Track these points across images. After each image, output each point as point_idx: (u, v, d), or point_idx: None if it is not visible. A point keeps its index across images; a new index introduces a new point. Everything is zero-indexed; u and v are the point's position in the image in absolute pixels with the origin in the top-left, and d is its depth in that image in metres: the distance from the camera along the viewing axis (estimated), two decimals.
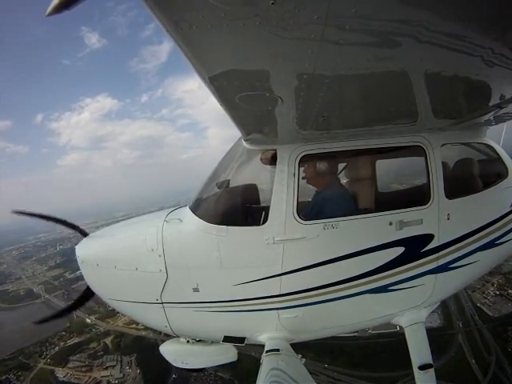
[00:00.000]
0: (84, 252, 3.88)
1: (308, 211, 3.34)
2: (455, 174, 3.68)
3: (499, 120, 3.34)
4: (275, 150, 3.14)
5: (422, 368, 3.24)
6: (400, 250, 3.22)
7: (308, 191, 3.57)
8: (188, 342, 3.89)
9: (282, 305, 3.26)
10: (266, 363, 3.02)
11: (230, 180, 3.62)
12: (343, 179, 3.67)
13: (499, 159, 3.75)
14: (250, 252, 3.19)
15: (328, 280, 3.20)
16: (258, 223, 3.22)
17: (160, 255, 3.32)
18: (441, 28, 1.31)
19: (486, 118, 3.04)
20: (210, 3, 1.09)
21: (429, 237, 3.27)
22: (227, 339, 3.43)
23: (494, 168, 3.78)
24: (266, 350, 3.24)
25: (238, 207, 3.61)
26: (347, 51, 1.44)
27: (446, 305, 41.13)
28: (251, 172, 3.73)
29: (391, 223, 3.14)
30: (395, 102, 2.26)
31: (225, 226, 3.18)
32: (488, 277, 43.85)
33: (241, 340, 3.43)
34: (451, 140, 3.43)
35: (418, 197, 3.35)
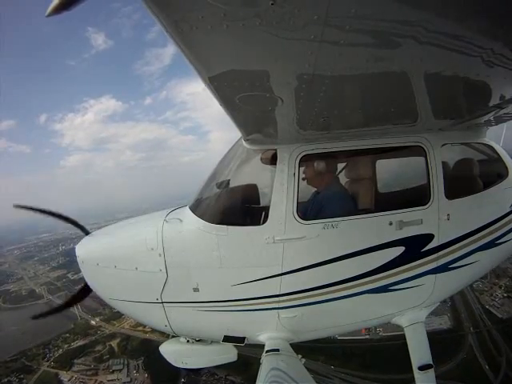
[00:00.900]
0: (84, 251, 3.88)
1: (308, 211, 3.35)
2: (455, 174, 3.68)
3: (499, 120, 3.34)
4: (275, 150, 3.15)
5: (421, 368, 3.24)
6: (400, 250, 3.22)
7: (308, 191, 3.57)
8: (188, 341, 3.90)
9: (281, 305, 3.26)
10: (266, 363, 3.02)
11: (230, 180, 3.62)
12: (343, 179, 3.67)
13: (499, 159, 3.75)
14: (250, 252, 3.20)
15: (328, 280, 3.20)
16: (258, 223, 3.22)
17: (160, 255, 3.32)
18: (441, 28, 1.31)
19: (486, 118, 3.04)
20: (210, 4, 1.09)
21: (429, 237, 3.27)
22: (227, 339, 3.44)
23: (494, 168, 3.78)
24: (265, 349, 3.24)
25: (238, 207, 3.62)
26: (347, 52, 1.44)
27: (455, 308, 41.73)
28: (251, 172, 3.73)
29: (391, 223, 3.15)
30: (395, 102, 2.26)
31: (225, 226, 3.19)
32: (495, 279, 44.70)
33: (241, 340, 3.44)
34: (451, 140, 3.43)
35: (418, 197, 3.35)
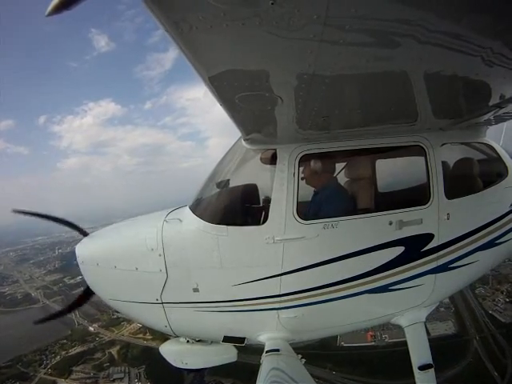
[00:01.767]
0: (84, 252, 3.87)
1: (308, 211, 3.34)
2: (455, 173, 3.68)
3: (499, 120, 3.34)
4: (275, 149, 3.14)
5: (421, 368, 3.25)
6: (400, 250, 3.22)
7: (308, 191, 3.57)
8: (188, 341, 3.89)
9: (281, 305, 3.26)
10: (266, 363, 3.02)
11: (229, 180, 3.62)
12: (343, 179, 3.67)
13: (499, 159, 3.75)
14: (250, 252, 3.20)
15: (328, 280, 3.20)
16: (257, 223, 3.22)
17: (160, 255, 3.32)
18: (440, 28, 1.31)
19: (486, 117, 3.04)
20: (210, 4, 1.09)
21: (429, 236, 3.27)
22: (227, 339, 3.44)
23: (493, 168, 3.78)
24: (265, 350, 3.24)
25: (238, 207, 3.61)
26: (347, 51, 1.44)
27: (459, 313, 42.24)
28: (251, 172, 3.72)
29: (391, 223, 3.14)
30: (395, 101, 2.26)
31: (225, 226, 3.18)
32: (497, 285, 45.33)
33: (241, 340, 3.44)
34: (451, 140, 3.43)
35: (417, 196, 3.35)
